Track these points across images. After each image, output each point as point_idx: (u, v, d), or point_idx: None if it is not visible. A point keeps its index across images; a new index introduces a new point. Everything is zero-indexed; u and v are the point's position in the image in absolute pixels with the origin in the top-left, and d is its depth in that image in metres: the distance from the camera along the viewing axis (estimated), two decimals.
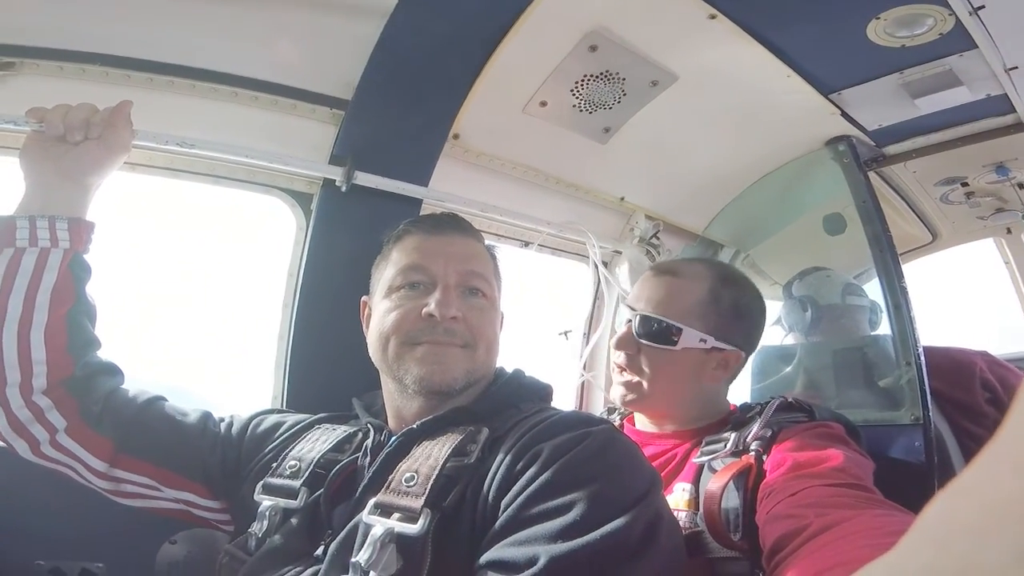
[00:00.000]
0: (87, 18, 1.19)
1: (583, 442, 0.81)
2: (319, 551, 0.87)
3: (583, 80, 1.57)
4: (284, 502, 0.94)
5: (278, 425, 1.13)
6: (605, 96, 1.62)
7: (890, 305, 1.63)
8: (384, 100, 1.42)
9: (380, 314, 1.04)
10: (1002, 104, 1.71)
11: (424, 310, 0.99)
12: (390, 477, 0.85)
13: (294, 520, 0.93)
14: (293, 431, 1.10)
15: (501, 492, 0.79)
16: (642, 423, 1.31)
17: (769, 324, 1.92)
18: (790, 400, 1.18)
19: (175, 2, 1.23)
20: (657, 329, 1.21)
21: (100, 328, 1.08)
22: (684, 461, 1.17)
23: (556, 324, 1.86)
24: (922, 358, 1.52)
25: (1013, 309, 2.63)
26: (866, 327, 1.80)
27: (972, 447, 1.55)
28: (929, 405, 1.47)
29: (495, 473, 0.82)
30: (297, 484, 0.95)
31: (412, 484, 0.82)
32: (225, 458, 1.08)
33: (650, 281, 1.28)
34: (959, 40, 1.45)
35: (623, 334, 1.25)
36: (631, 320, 1.24)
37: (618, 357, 1.26)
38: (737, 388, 1.34)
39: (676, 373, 1.21)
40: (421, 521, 0.77)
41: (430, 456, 0.86)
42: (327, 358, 1.41)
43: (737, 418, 1.19)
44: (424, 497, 0.79)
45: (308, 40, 1.36)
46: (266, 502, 0.95)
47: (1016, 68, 1.53)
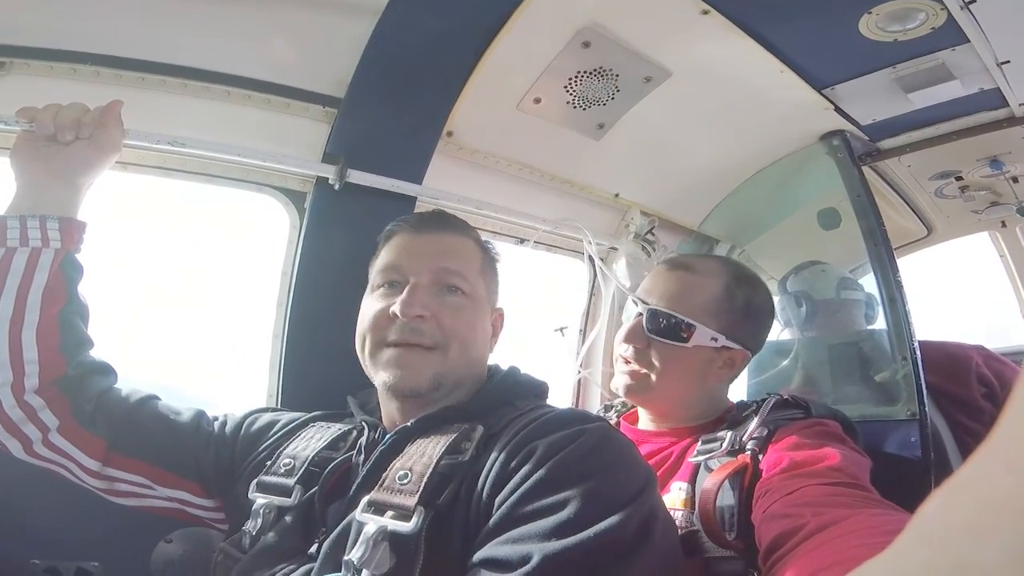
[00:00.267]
0: (77, 17, 1.18)
1: (578, 440, 0.81)
2: (313, 549, 0.87)
3: (577, 76, 1.56)
4: (278, 500, 0.94)
5: (272, 423, 1.13)
6: (599, 92, 1.62)
7: (885, 299, 1.63)
8: (377, 98, 1.42)
9: (362, 312, 1.05)
10: (995, 98, 1.72)
11: (391, 308, 0.99)
12: (384, 475, 0.85)
13: (288, 518, 0.93)
14: (287, 429, 1.10)
15: (495, 490, 0.79)
16: (641, 420, 1.31)
17: None
18: (786, 397, 1.17)
19: (166, 1, 1.22)
20: (669, 324, 1.19)
21: (93, 328, 1.07)
22: (680, 460, 1.17)
23: (553, 321, 1.86)
24: (918, 353, 1.52)
25: (1008, 303, 2.63)
26: (862, 321, 1.80)
27: (969, 442, 1.55)
28: (925, 400, 1.47)
29: (489, 471, 0.81)
30: (291, 482, 0.95)
31: (406, 482, 0.81)
32: (219, 456, 1.07)
33: (663, 275, 1.26)
34: (951, 34, 1.45)
35: (633, 326, 1.23)
36: (641, 314, 1.22)
37: (625, 350, 1.24)
38: (735, 383, 1.32)
39: (684, 370, 1.20)
40: (414, 519, 0.77)
41: (424, 454, 0.86)
42: (321, 357, 1.41)
43: (733, 416, 1.18)
44: (418, 495, 0.79)
45: (300, 38, 1.35)
46: (260, 500, 0.95)
47: (1008, 62, 1.53)
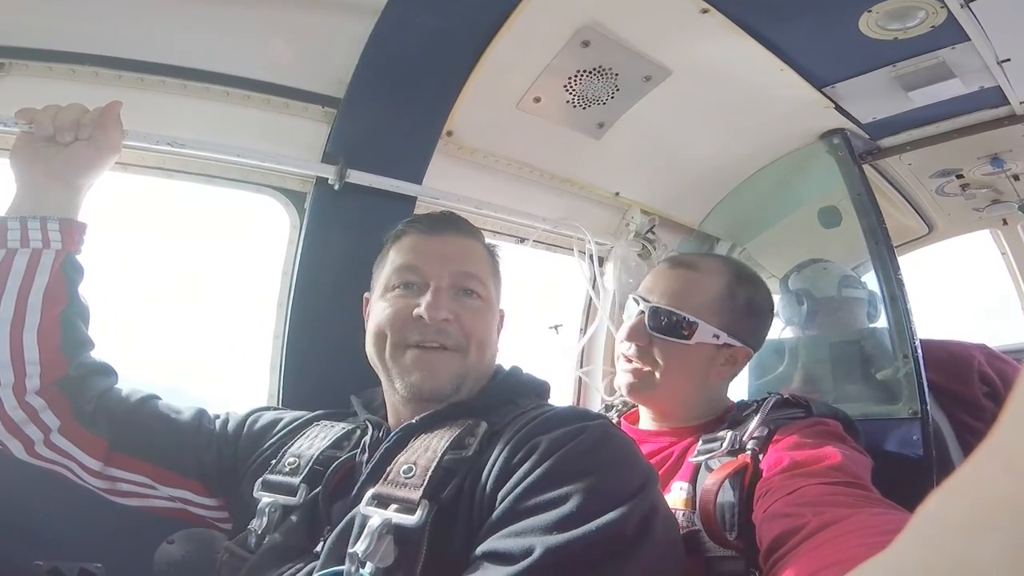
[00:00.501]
0: (77, 18, 1.18)
1: (579, 436, 0.82)
2: (319, 547, 0.87)
3: (576, 76, 1.56)
4: (283, 499, 0.94)
5: (275, 422, 1.13)
6: (599, 91, 1.62)
7: (886, 298, 1.63)
8: (376, 98, 1.42)
9: (376, 313, 1.04)
10: (995, 96, 1.71)
11: (415, 311, 0.99)
12: (388, 468, 0.85)
13: (294, 517, 0.93)
14: (291, 428, 1.10)
15: (498, 484, 0.80)
16: (641, 420, 1.31)
17: None
18: (786, 396, 1.17)
19: (166, 2, 1.22)
20: (671, 322, 1.19)
21: (94, 329, 1.07)
22: (681, 459, 1.16)
23: (551, 320, 1.86)
24: (919, 351, 1.52)
25: (1010, 301, 2.63)
26: (864, 320, 1.79)
27: (971, 441, 1.54)
28: (927, 399, 1.46)
29: (492, 466, 0.82)
30: (296, 481, 0.95)
31: (410, 476, 0.82)
32: (221, 455, 1.08)
33: (665, 273, 1.26)
34: (951, 33, 1.45)
35: (634, 324, 1.22)
36: (643, 312, 1.22)
37: (627, 348, 1.23)
38: (735, 382, 1.32)
39: (687, 367, 1.20)
40: (419, 512, 0.77)
41: (428, 448, 0.86)
42: (322, 356, 1.41)
43: (734, 416, 1.18)
44: (422, 489, 0.80)
45: (300, 38, 1.35)
46: (265, 499, 0.95)
47: (1008, 60, 1.52)
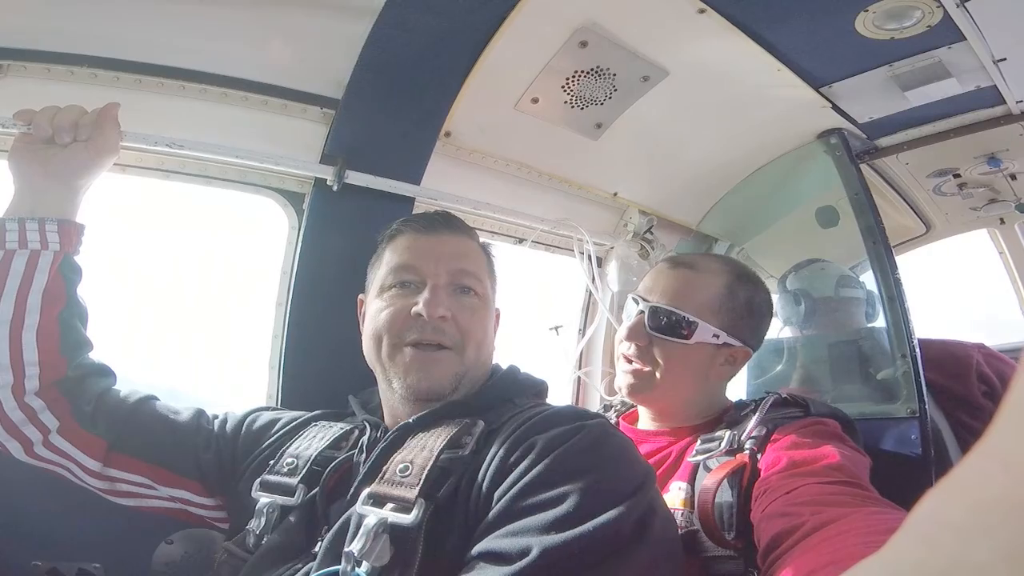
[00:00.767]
0: (75, 20, 1.19)
1: (577, 435, 0.82)
2: (317, 548, 0.87)
3: (574, 76, 1.56)
4: (282, 499, 0.94)
5: (274, 422, 1.13)
6: (596, 92, 1.62)
7: (884, 297, 1.63)
8: (374, 99, 1.42)
9: (372, 313, 1.05)
10: (992, 96, 1.72)
11: (413, 309, 0.99)
12: (384, 468, 0.85)
13: (292, 517, 0.93)
14: (289, 428, 1.10)
15: (494, 484, 0.80)
16: (640, 420, 1.31)
17: None
18: (785, 396, 1.17)
19: (164, 4, 1.23)
20: (671, 322, 1.19)
21: (92, 329, 1.08)
22: (679, 459, 1.17)
23: (551, 321, 1.86)
24: (917, 350, 1.52)
25: (1008, 300, 2.63)
26: (862, 319, 1.80)
27: (969, 440, 1.54)
28: (925, 398, 1.46)
29: (489, 465, 0.82)
30: (294, 481, 0.96)
31: (406, 475, 0.82)
32: (220, 455, 1.08)
33: (665, 273, 1.26)
34: (947, 32, 1.45)
35: (634, 324, 1.22)
36: (643, 311, 1.22)
37: (627, 348, 1.23)
38: (734, 382, 1.32)
39: (686, 367, 1.20)
40: (415, 511, 0.78)
41: (425, 447, 0.86)
42: (321, 357, 1.41)
43: (732, 416, 1.18)
44: (418, 487, 0.80)
45: (297, 40, 1.35)
46: (264, 499, 0.95)
47: (1004, 59, 1.53)
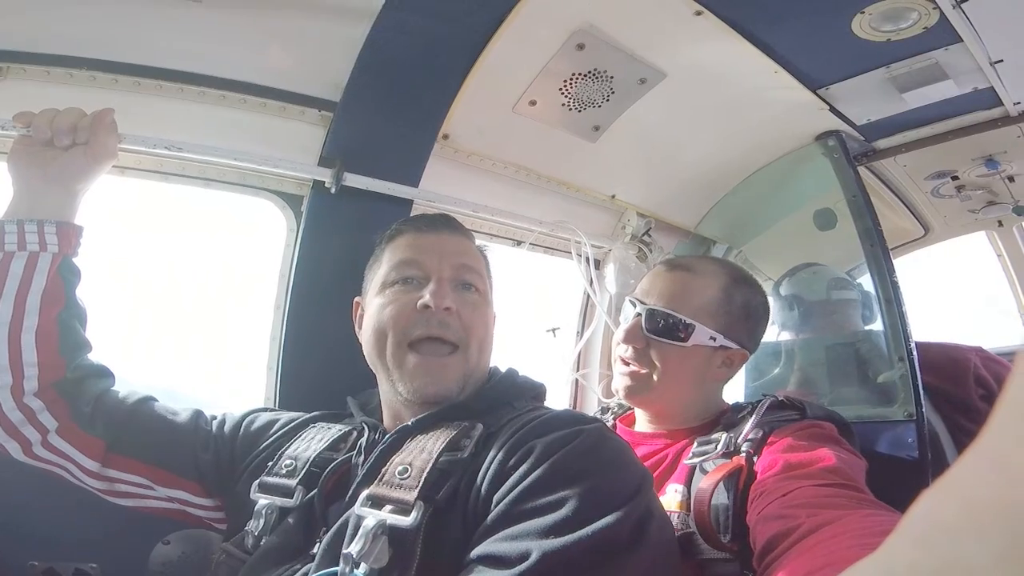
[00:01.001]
0: (73, 22, 1.19)
1: (575, 439, 0.82)
2: (315, 549, 0.87)
3: (572, 79, 1.57)
4: (280, 501, 0.95)
5: (272, 423, 1.13)
6: (594, 94, 1.62)
7: (882, 300, 1.63)
8: (373, 101, 1.43)
9: (374, 310, 1.04)
10: (989, 97, 1.72)
11: (419, 302, 0.99)
12: (383, 470, 0.86)
13: (290, 519, 0.93)
14: (288, 429, 1.11)
15: (493, 487, 0.80)
16: (638, 422, 1.31)
17: None
18: (781, 399, 1.18)
19: (162, 6, 1.23)
20: (668, 324, 1.19)
21: (91, 331, 1.08)
22: (676, 462, 1.17)
23: (549, 323, 1.86)
24: (915, 353, 1.52)
25: (1006, 303, 2.63)
26: (858, 322, 1.79)
27: (966, 443, 1.51)
28: (922, 401, 1.46)
29: (488, 468, 0.82)
30: (293, 483, 0.96)
31: (405, 477, 0.82)
32: (218, 456, 1.08)
33: (662, 276, 1.26)
34: (944, 34, 1.45)
35: (631, 327, 1.22)
36: (640, 314, 1.22)
37: (624, 350, 1.23)
38: (731, 384, 1.33)
39: (684, 369, 1.20)
40: (414, 514, 0.78)
41: (424, 450, 0.87)
42: (319, 359, 1.41)
43: (729, 418, 1.18)
44: (417, 490, 0.80)
45: (295, 42, 1.36)
46: (262, 500, 0.96)
47: (1001, 61, 1.53)
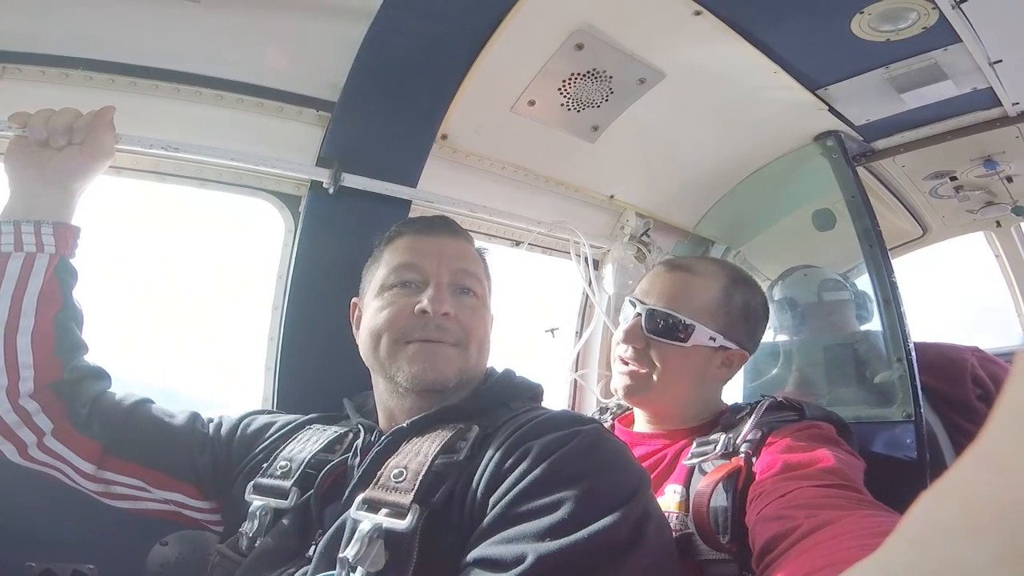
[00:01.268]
0: (70, 22, 1.19)
1: (572, 440, 0.81)
2: (310, 551, 0.87)
3: (570, 79, 1.57)
4: (275, 502, 0.94)
5: (268, 425, 1.13)
6: (593, 94, 1.62)
7: (880, 301, 1.63)
8: (370, 101, 1.42)
9: (372, 312, 1.04)
10: (988, 98, 1.72)
11: (417, 307, 0.99)
12: (379, 473, 0.85)
13: (285, 520, 0.93)
14: (283, 431, 1.10)
15: (489, 489, 0.79)
16: (636, 423, 1.30)
17: None
18: (780, 399, 1.17)
19: (159, 6, 1.22)
20: (668, 324, 1.19)
21: (88, 332, 1.08)
22: (674, 462, 1.17)
23: (547, 323, 1.86)
24: (913, 354, 1.52)
25: (1004, 303, 2.63)
26: (854, 322, 1.80)
27: (964, 444, 1.54)
28: (921, 402, 1.46)
29: (484, 470, 0.82)
30: (288, 484, 0.95)
31: (401, 480, 0.82)
32: (215, 458, 1.08)
33: (662, 276, 1.26)
34: (943, 34, 1.45)
35: (631, 327, 1.22)
36: (640, 314, 1.22)
37: (624, 350, 1.23)
38: (729, 385, 1.32)
39: (683, 369, 1.20)
40: (409, 517, 0.77)
41: (419, 452, 0.86)
42: (317, 359, 1.41)
43: (727, 419, 1.18)
44: (413, 493, 0.79)
45: (293, 42, 1.35)
46: (257, 502, 0.95)
47: (1000, 62, 1.53)
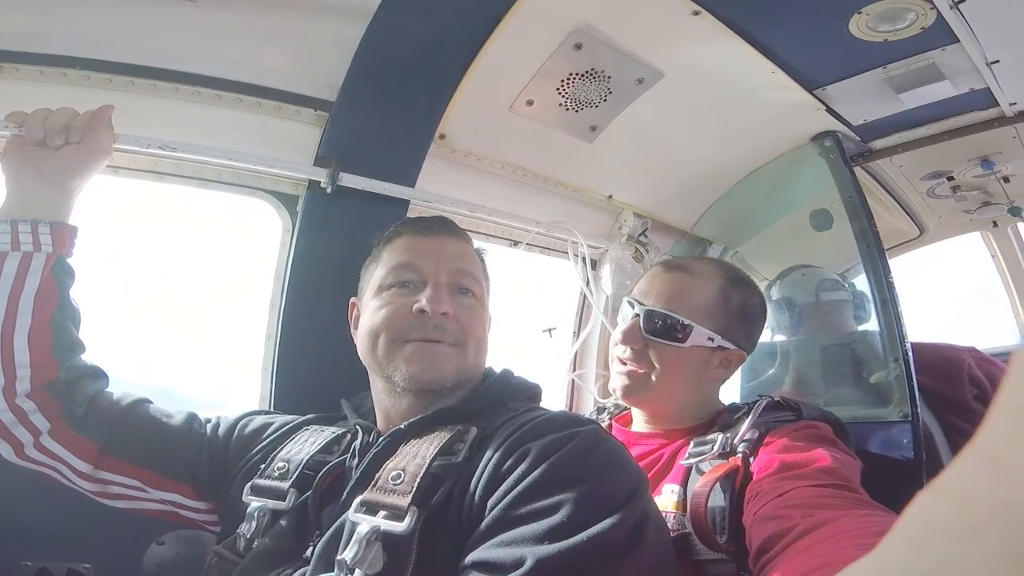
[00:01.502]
0: (67, 22, 1.18)
1: (571, 442, 0.81)
2: (308, 552, 0.87)
3: (569, 79, 1.57)
4: (273, 503, 0.94)
5: (266, 426, 1.13)
6: (591, 94, 1.62)
7: (877, 301, 1.63)
8: (368, 101, 1.42)
9: (370, 312, 1.04)
10: (985, 98, 1.72)
11: (415, 306, 0.99)
12: (377, 475, 0.85)
13: (283, 522, 0.93)
14: (281, 432, 1.10)
15: (488, 491, 0.79)
16: (634, 422, 1.30)
17: None
18: (777, 399, 1.18)
19: (157, 5, 1.22)
20: (666, 325, 1.19)
21: (85, 331, 1.08)
22: (671, 461, 1.17)
23: (545, 323, 1.86)
24: (910, 354, 1.52)
25: (1001, 303, 2.63)
26: (851, 322, 1.80)
27: (961, 444, 1.50)
28: (917, 402, 1.47)
29: (482, 472, 0.82)
30: (285, 486, 0.95)
31: (399, 482, 0.82)
32: (212, 458, 1.08)
33: (660, 276, 1.26)
34: (941, 34, 1.45)
35: (630, 327, 1.22)
36: (638, 315, 1.22)
37: (623, 351, 1.23)
38: (727, 385, 1.32)
39: (682, 370, 1.20)
40: (407, 519, 0.77)
41: (417, 454, 0.86)
42: (314, 359, 1.41)
43: (725, 419, 1.18)
44: (411, 495, 0.79)
45: (291, 42, 1.35)
46: (255, 503, 0.95)
47: (997, 62, 1.53)
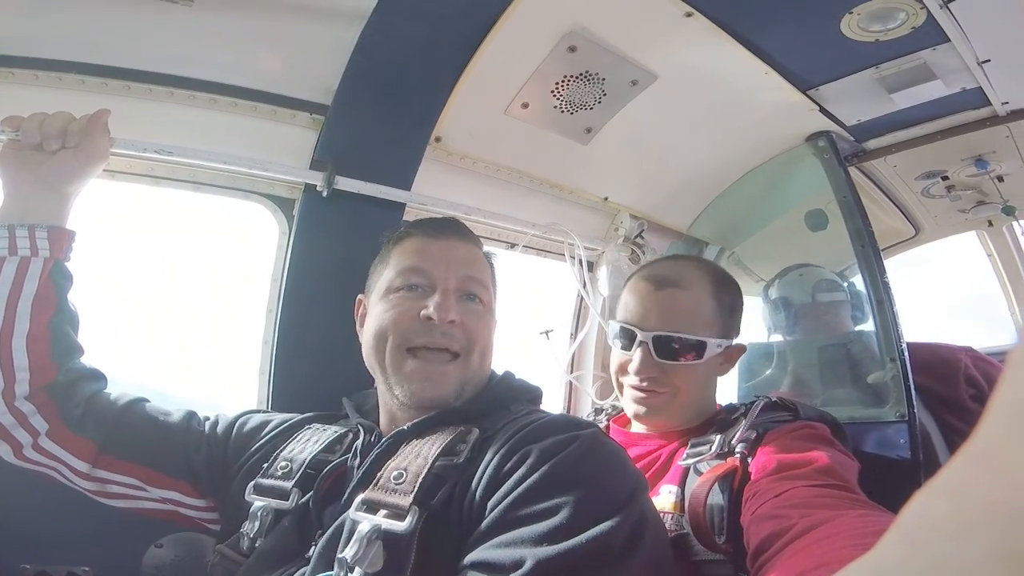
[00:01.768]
0: (63, 26, 1.19)
1: (570, 445, 0.82)
2: (311, 552, 0.87)
3: (563, 81, 1.58)
4: (276, 503, 0.94)
5: (265, 424, 1.13)
6: (585, 96, 1.63)
7: (873, 301, 1.63)
8: (364, 104, 1.43)
9: (377, 314, 1.04)
10: (977, 97, 1.73)
11: (422, 312, 0.99)
12: (379, 474, 0.85)
13: (286, 521, 0.93)
14: (281, 430, 1.10)
15: (488, 493, 0.80)
16: (633, 423, 1.30)
17: (757, 323, 1.93)
18: (775, 400, 1.18)
19: (152, 10, 1.23)
20: (682, 346, 1.17)
21: (84, 335, 1.08)
22: (669, 462, 1.17)
23: (542, 325, 1.86)
24: (906, 354, 1.52)
25: (996, 302, 2.64)
26: (848, 322, 1.80)
27: (958, 443, 1.51)
28: (914, 401, 1.47)
29: (483, 473, 0.82)
30: (289, 485, 0.95)
31: (400, 482, 0.82)
32: (211, 456, 1.08)
33: (652, 296, 1.22)
34: (932, 34, 1.46)
35: (643, 360, 1.18)
36: (644, 342, 1.18)
37: (637, 380, 1.20)
38: (725, 385, 1.33)
39: (699, 381, 1.21)
40: (408, 519, 0.77)
41: (419, 455, 0.86)
42: (311, 362, 1.41)
43: (722, 419, 1.19)
44: (412, 495, 0.80)
45: (286, 46, 1.36)
46: (258, 503, 0.95)
47: (989, 61, 1.54)
